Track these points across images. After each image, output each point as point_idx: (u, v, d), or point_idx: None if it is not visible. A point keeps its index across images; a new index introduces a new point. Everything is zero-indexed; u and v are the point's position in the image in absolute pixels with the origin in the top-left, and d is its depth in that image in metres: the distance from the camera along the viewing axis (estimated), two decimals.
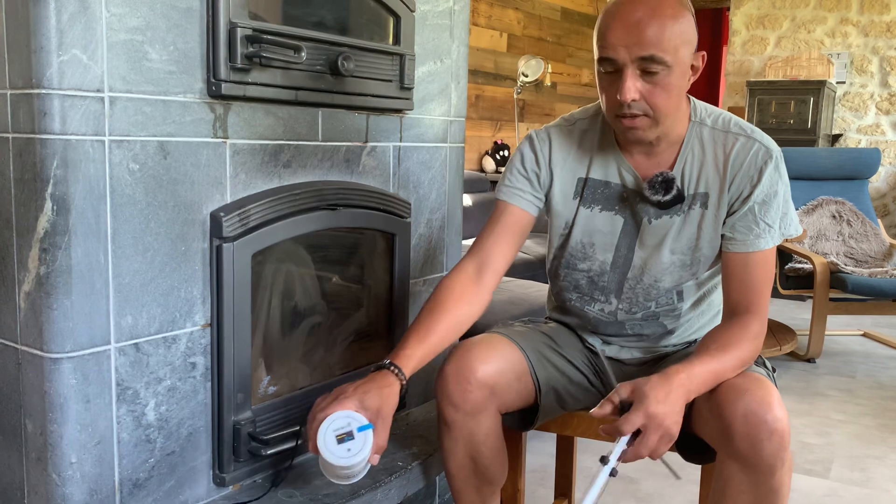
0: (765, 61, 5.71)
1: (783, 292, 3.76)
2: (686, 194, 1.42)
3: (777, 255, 3.43)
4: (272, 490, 1.47)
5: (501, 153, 5.07)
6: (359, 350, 1.76)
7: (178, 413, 1.35)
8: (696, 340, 1.53)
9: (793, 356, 3.66)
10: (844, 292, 3.46)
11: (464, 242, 2.15)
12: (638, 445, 1.20)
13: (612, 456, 1.20)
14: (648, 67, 1.28)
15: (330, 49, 1.49)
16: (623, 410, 1.24)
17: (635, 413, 1.20)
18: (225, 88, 1.32)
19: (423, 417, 1.84)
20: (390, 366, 1.31)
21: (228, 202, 1.38)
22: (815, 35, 5.63)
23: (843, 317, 4.26)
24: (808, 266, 3.61)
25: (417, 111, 1.78)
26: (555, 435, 1.81)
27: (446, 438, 1.44)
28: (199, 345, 1.37)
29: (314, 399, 1.31)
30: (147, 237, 1.26)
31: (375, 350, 1.78)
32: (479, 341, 1.43)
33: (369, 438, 1.22)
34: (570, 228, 1.50)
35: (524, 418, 1.53)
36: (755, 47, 5.83)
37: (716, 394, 1.27)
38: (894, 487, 2.31)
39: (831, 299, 3.52)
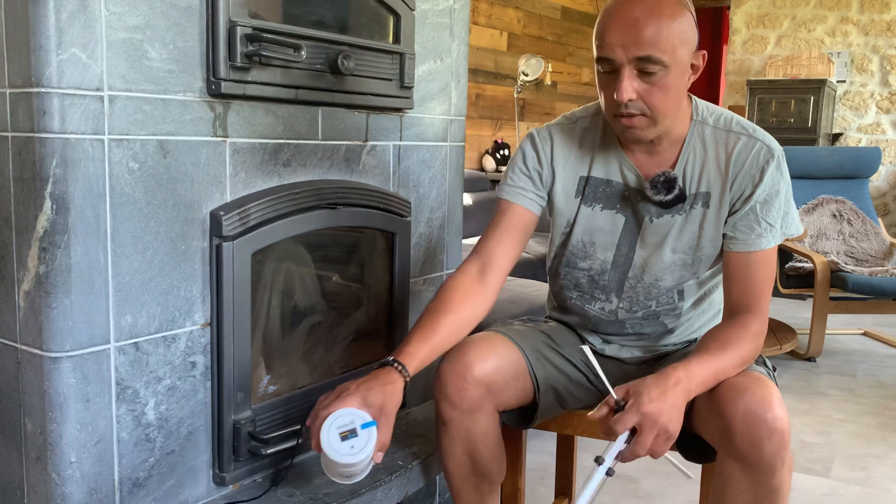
0: (765, 60, 5.71)
1: (783, 291, 3.76)
2: (688, 193, 1.41)
3: (777, 254, 3.43)
4: (272, 489, 1.47)
5: (501, 152, 5.06)
6: (359, 349, 1.76)
7: (178, 412, 1.35)
8: (697, 339, 1.53)
9: (793, 355, 3.66)
10: (845, 291, 3.46)
11: (464, 241, 2.15)
12: (634, 444, 1.20)
13: (608, 456, 1.20)
14: (645, 67, 1.27)
15: (330, 48, 1.49)
16: (619, 412, 1.24)
17: (629, 412, 1.21)
18: (225, 87, 1.32)
19: (423, 417, 1.84)
20: (394, 363, 1.30)
21: (228, 201, 1.37)
22: (816, 34, 5.63)
23: (844, 316, 4.26)
24: (809, 265, 3.61)
25: (417, 110, 1.78)
26: (555, 434, 1.81)
27: (444, 437, 1.44)
28: (199, 344, 1.37)
29: (314, 398, 1.31)
30: (147, 236, 1.26)
31: (375, 349, 1.78)
32: (477, 340, 1.43)
33: (373, 436, 1.22)
34: (571, 227, 1.50)
35: (523, 417, 1.53)
36: (755, 46, 5.83)
37: (716, 393, 1.27)
38: (894, 486, 2.31)
39: (832, 298, 3.52)
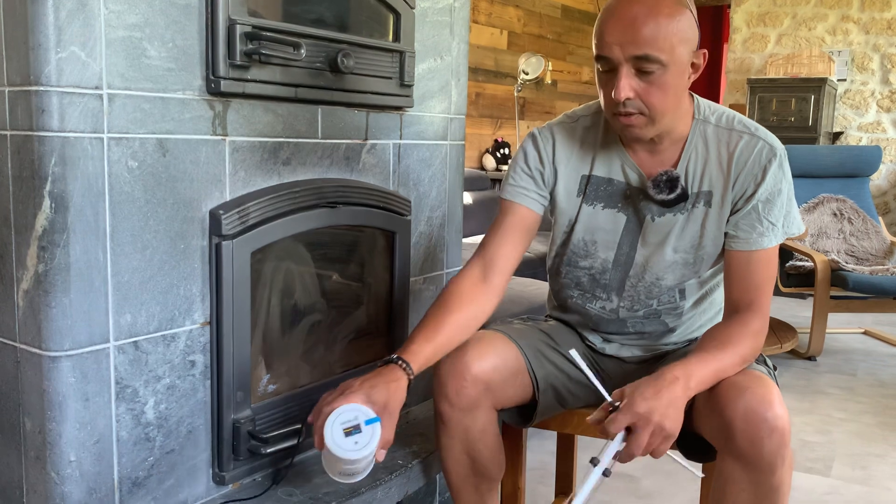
0: (766, 59, 5.71)
1: (784, 290, 3.75)
2: (689, 192, 1.41)
3: (778, 253, 3.42)
4: (272, 488, 1.46)
5: (502, 151, 5.06)
6: (359, 348, 1.76)
7: (178, 411, 1.35)
8: (698, 339, 1.53)
9: (793, 354, 3.66)
10: (845, 290, 3.46)
11: (464, 240, 2.15)
12: (629, 444, 1.20)
13: (604, 457, 1.21)
14: (643, 66, 1.27)
15: (329, 46, 1.49)
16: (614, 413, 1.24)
17: (622, 412, 1.21)
18: (224, 86, 1.31)
19: (424, 416, 1.84)
20: (398, 360, 1.30)
21: (228, 200, 1.37)
22: (816, 32, 5.63)
23: (844, 315, 4.25)
24: (809, 264, 3.61)
25: (417, 108, 1.78)
26: (555, 433, 1.81)
27: (443, 435, 1.44)
28: (199, 343, 1.36)
29: (314, 397, 1.31)
30: (146, 235, 1.26)
31: (375, 348, 1.78)
32: (476, 338, 1.43)
33: (377, 432, 1.21)
34: (573, 226, 1.50)
35: (523, 415, 1.53)
36: (756, 45, 5.82)
37: (716, 391, 1.27)
38: (895, 485, 2.31)
39: (832, 297, 3.52)
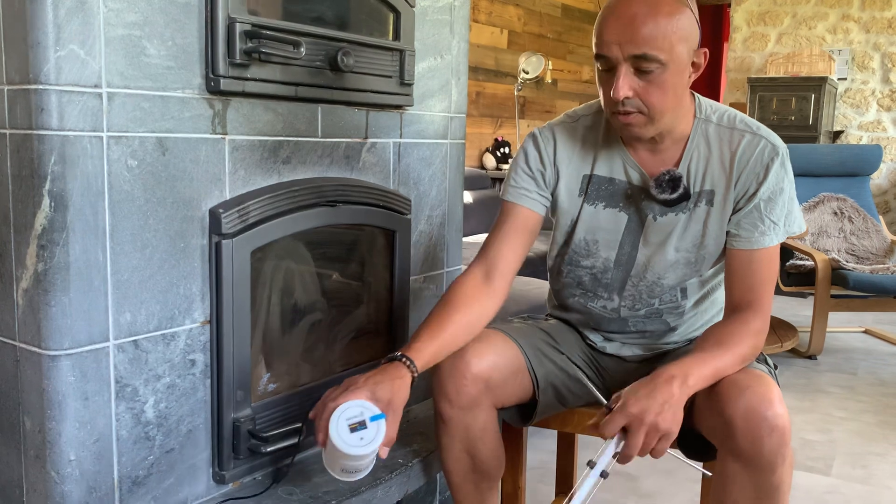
0: (766, 58, 5.71)
1: (784, 289, 3.75)
2: (692, 191, 1.41)
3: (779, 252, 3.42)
4: (272, 487, 1.46)
5: (502, 150, 5.06)
6: (359, 347, 1.76)
7: (178, 410, 1.34)
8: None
9: (794, 353, 3.66)
10: (846, 289, 3.46)
11: (465, 239, 2.15)
12: (625, 446, 1.20)
13: (601, 459, 1.21)
14: (642, 65, 1.27)
15: (329, 44, 1.49)
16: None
17: (615, 414, 1.21)
18: (224, 84, 1.31)
19: (424, 415, 1.84)
20: (402, 358, 1.30)
21: (227, 199, 1.37)
22: (817, 31, 5.62)
23: (845, 313, 4.26)
24: (810, 263, 3.61)
25: (418, 107, 1.77)
26: (556, 432, 1.81)
27: (443, 434, 1.43)
28: (199, 342, 1.36)
29: (314, 396, 1.30)
30: (146, 234, 1.25)
31: (376, 347, 1.78)
32: (476, 337, 1.42)
33: (382, 428, 1.21)
34: (574, 225, 1.49)
35: (523, 414, 1.52)
36: (756, 44, 5.82)
37: (716, 390, 1.27)
38: (895, 484, 2.31)
39: (832, 296, 3.52)
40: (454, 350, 1.37)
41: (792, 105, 5.18)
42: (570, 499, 1.19)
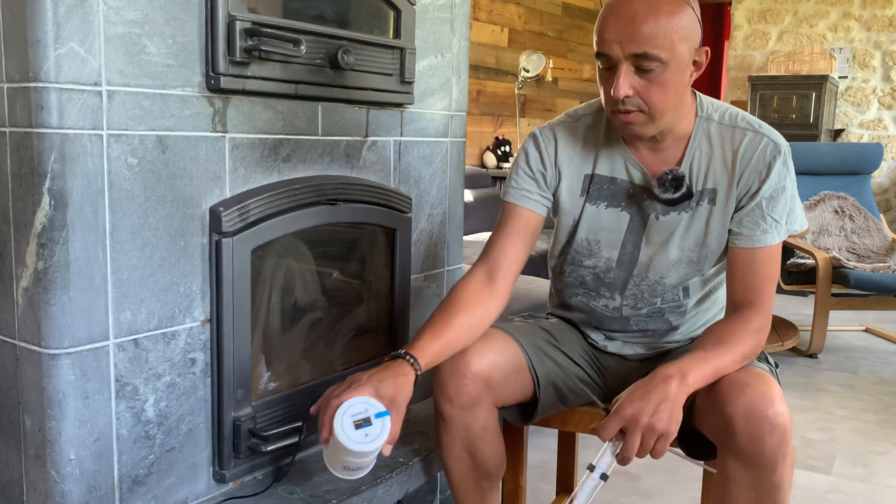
0: (767, 56, 5.70)
1: (785, 288, 3.75)
2: (694, 190, 1.40)
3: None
4: (273, 486, 1.46)
5: (502, 149, 5.06)
6: (359, 346, 1.75)
7: (178, 409, 1.34)
8: None
9: (795, 352, 3.66)
10: (847, 288, 3.46)
11: (465, 238, 2.15)
12: (623, 448, 1.20)
13: (600, 462, 1.21)
14: (643, 64, 1.26)
15: (330, 42, 1.48)
16: None
17: (611, 417, 1.21)
18: (224, 82, 1.31)
19: (424, 414, 1.83)
20: (406, 355, 1.29)
21: (228, 197, 1.37)
22: (818, 29, 5.62)
23: (846, 312, 4.25)
24: (811, 261, 3.60)
25: (418, 105, 1.77)
26: (556, 431, 1.81)
27: (443, 433, 1.43)
28: (199, 341, 1.36)
29: (315, 395, 1.30)
30: (146, 232, 1.25)
31: (376, 346, 1.78)
32: None
33: (386, 425, 1.20)
34: (576, 225, 1.49)
35: (524, 413, 1.52)
36: (757, 42, 5.81)
37: (717, 389, 1.27)
38: None
39: (833, 295, 3.52)
40: (457, 351, 1.37)
41: (793, 103, 5.18)
42: (571, 501, 1.19)
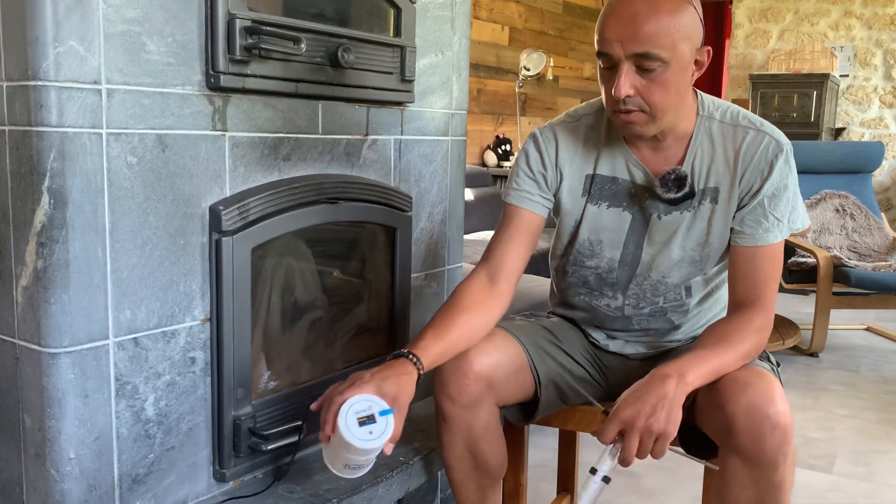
0: (768, 54, 5.69)
1: (786, 286, 3.75)
2: (696, 189, 1.40)
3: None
4: (273, 485, 1.46)
5: (503, 147, 5.05)
6: (360, 345, 1.75)
7: (178, 408, 1.34)
8: None
9: (796, 350, 3.65)
10: (848, 286, 3.45)
11: (466, 237, 2.14)
12: (622, 451, 1.20)
13: (602, 464, 1.21)
14: (644, 64, 1.26)
15: (330, 41, 1.48)
16: None
17: (609, 421, 1.21)
18: (224, 80, 1.30)
19: (425, 413, 1.83)
20: (409, 355, 1.29)
21: (227, 196, 1.37)
22: (819, 28, 5.61)
23: (847, 311, 4.25)
24: (812, 260, 3.60)
25: (418, 104, 1.77)
26: (557, 430, 1.80)
27: (445, 432, 1.43)
28: (199, 339, 1.36)
29: (315, 394, 1.30)
30: (145, 231, 1.25)
31: (377, 345, 1.77)
32: None
33: (390, 423, 1.20)
34: (578, 226, 1.49)
35: (525, 412, 1.52)
36: (758, 40, 5.81)
37: (718, 388, 1.26)
38: None
39: (834, 293, 3.51)
40: (459, 352, 1.37)
41: (794, 102, 5.17)
42: None
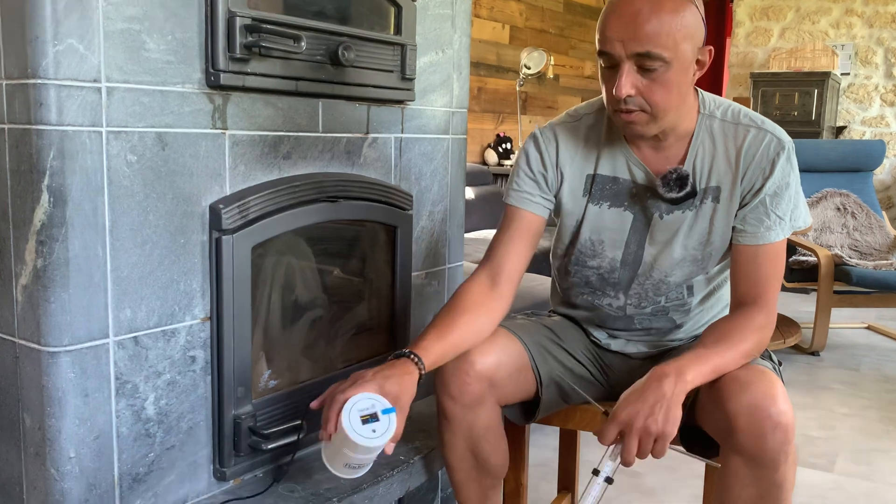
0: (769, 53, 5.69)
1: (787, 285, 3.74)
2: (698, 188, 1.40)
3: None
4: (273, 485, 1.46)
5: (504, 146, 5.05)
6: (360, 344, 1.75)
7: (178, 407, 1.34)
8: None
9: (797, 349, 3.65)
10: (849, 285, 3.45)
11: (466, 236, 2.14)
12: (621, 453, 1.20)
13: (604, 466, 1.21)
14: (645, 63, 1.25)
15: (330, 39, 1.48)
16: None
17: (608, 423, 1.21)
18: (224, 79, 1.30)
19: (426, 412, 1.83)
20: (410, 354, 1.28)
21: (228, 194, 1.36)
22: (820, 26, 5.60)
23: (848, 310, 4.24)
24: (813, 259, 3.59)
25: (419, 102, 1.76)
26: (558, 429, 1.80)
27: (446, 432, 1.43)
28: (199, 338, 1.36)
29: (315, 393, 1.30)
30: (145, 229, 1.25)
31: (377, 344, 1.77)
32: None
33: (393, 421, 1.20)
34: (579, 226, 1.48)
35: (526, 411, 1.52)
36: (759, 39, 5.80)
37: (719, 387, 1.26)
38: None
39: (835, 292, 3.51)
40: (460, 352, 1.37)
41: (795, 100, 5.17)
42: None
